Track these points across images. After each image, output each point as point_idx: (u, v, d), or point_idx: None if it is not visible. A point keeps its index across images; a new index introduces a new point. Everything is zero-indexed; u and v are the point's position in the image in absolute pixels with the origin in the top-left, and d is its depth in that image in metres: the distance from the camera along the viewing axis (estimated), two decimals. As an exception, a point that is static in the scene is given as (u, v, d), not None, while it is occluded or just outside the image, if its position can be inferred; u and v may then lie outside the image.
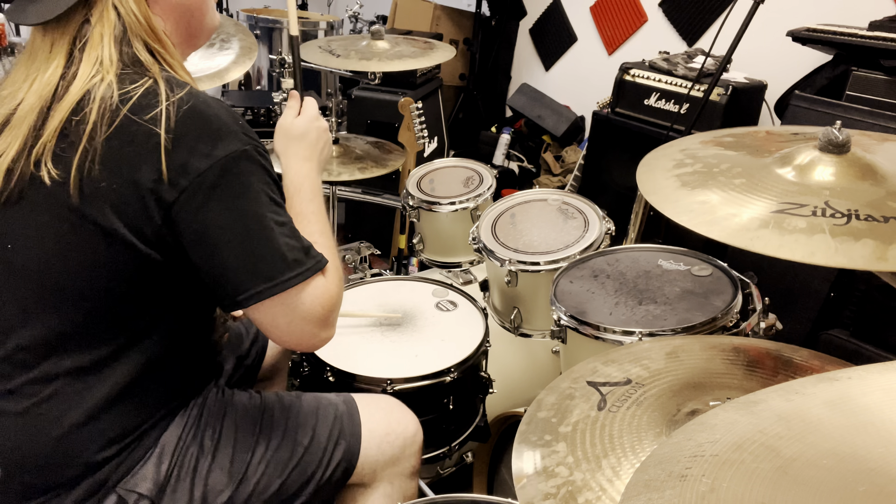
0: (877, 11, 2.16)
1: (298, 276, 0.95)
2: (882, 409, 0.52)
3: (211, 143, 0.91)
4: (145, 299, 0.98)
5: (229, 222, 0.92)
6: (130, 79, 0.94)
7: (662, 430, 0.87)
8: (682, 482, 0.50)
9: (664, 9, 3.14)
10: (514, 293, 1.56)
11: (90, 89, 0.92)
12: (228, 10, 4.06)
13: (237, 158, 0.92)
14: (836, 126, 0.91)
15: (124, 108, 0.91)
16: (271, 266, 0.94)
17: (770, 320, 1.22)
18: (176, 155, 0.90)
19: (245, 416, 1.14)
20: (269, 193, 0.96)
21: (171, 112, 0.90)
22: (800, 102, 2.07)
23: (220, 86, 3.14)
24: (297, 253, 0.96)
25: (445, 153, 3.61)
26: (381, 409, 1.24)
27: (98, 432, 0.99)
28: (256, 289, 0.93)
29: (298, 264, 0.95)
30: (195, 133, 0.91)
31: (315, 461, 1.14)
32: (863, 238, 0.76)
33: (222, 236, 0.92)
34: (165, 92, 0.92)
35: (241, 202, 0.93)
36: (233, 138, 0.93)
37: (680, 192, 0.93)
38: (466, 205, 1.88)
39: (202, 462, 1.07)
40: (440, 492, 1.23)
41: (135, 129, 0.90)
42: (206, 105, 0.94)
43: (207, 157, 0.91)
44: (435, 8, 3.91)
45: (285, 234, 0.96)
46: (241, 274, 0.93)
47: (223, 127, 0.93)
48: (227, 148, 0.92)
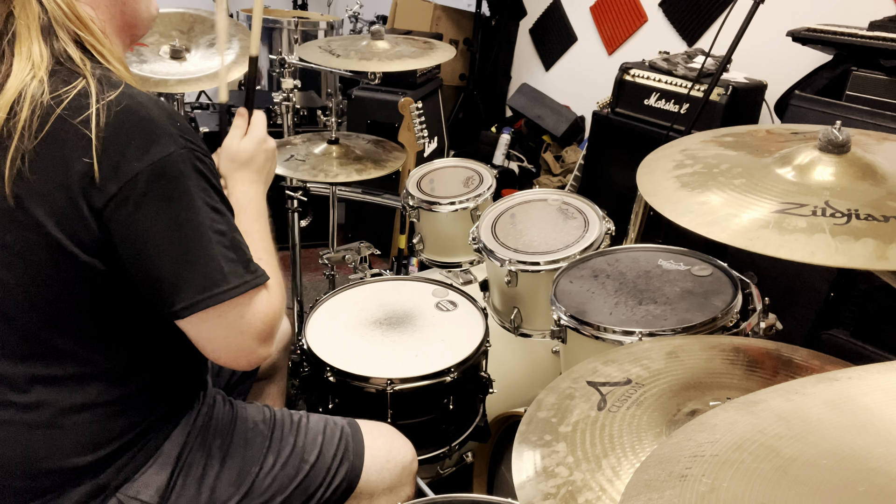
0: (877, 11, 2.16)
1: (236, 289, 0.91)
2: (882, 409, 0.52)
3: (143, 147, 0.87)
4: (107, 307, 0.95)
5: (162, 229, 0.88)
6: (62, 78, 0.90)
7: (662, 430, 0.87)
8: (682, 482, 0.50)
9: (664, 9, 3.14)
10: (514, 293, 1.56)
11: (22, 88, 0.88)
12: (228, 10, 4.05)
13: (171, 162, 0.88)
14: (836, 126, 0.91)
15: (57, 109, 0.87)
16: (206, 276, 0.90)
17: (770, 320, 1.22)
18: (106, 158, 0.86)
19: (256, 430, 1.15)
20: (207, 200, 0.91)
21: (102, 113, 0.87)
22: (800, 102, 2.07)
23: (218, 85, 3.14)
24: (235, 265, 0.92)
25: (445, 153, 3.61)
26: (383, 435, 1.26)
27: (79, 438, 0.98)
28: (191, 299, 0.89)
29: (236, 276, 0.92)
30: (126, 135, 0.87)
31: (319, 479, 1.15)
32: (863, 237, 0.76)
33: (155, 244, 0.88)
34: (97, 93, 0.88)
35: (176, 209, 0.89)
36: (167, 141, 0.88)
37: (680, 193, 0.93)
38: (466, 205, 1.88)
39: (209, 471, 1.07)
40: (440, 492, 1.23)
41: (66, 132, 0.87)
42: (140, 106, 0.89)
43: (139, 161, 0.86)
44: (435, 8, 3.91)
45: (224, 245, 0.92)
46: (176, 284, 0.89)
47: (157, 129, 0.88)
48: (161, 151, 0.87)
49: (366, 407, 1.41)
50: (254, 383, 1.51)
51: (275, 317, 0.98)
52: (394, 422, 1.40)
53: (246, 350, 0.96)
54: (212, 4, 4.19)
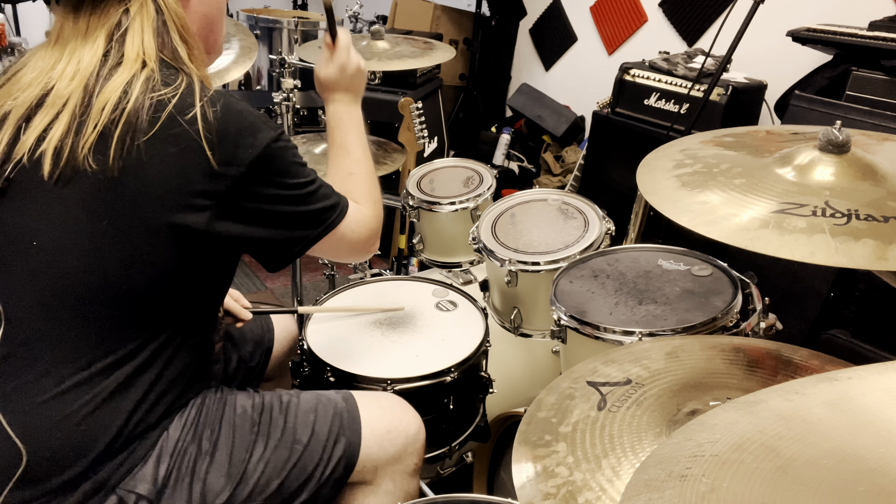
0: (877, 11, 2.16)
1: (338, 217, 1.14)
2: (882, 409, 0.52)
3: (251, 135, 1.01)
4: (168, 299, 1.02)
5: (281, 196, 1.05)
6: (169, 76, 0.99)
7: (662, 430, 0.87)
8: (682, 482, 0.50)
9: (664, 9, 3.14)
10: (514, 293, 1.56)
11: (130, 82, 0.96)
12: (229, 10, 4.06)
13: (273, 143, 1.03)
14: (836, 126, 0.91)
15: (168, 106, 0.96)
16: (316, 218, 1.11)
17: (770, 320, 1.22)
18: (223, 150, 0.98)
19: (243, 416, 1.14)
20: (299, 163, 1.09)
21: (208, 112, 0.98)
22: (800, 102, 2.07)
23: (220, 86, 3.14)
24: (330, 199, 1.13)
25: (445, 153, 3.61)
26: (381, 406, 1.24)
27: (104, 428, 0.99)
28: (312, 234, 1.11)
29: (334, 209, 1.14)
30: (235, 128, 1.00)
31: (315, 459, 1.14)
32: (863, 238, 0.76)
33: (277, 208, 1.05)
34: (200, 93, 0.99)
35: (286, 177, 1.06)
36: (264, 127, 1.03)
37: (680, 193, 0.93)
38: (466, 205, 1.88)
39: (200, 463, 1.07)
40: (440, 492, 1.22)
41: (178, 131, 0.96)
42: (236, 101, 1.03)
43: (252, 148, 1.01)
44: (435, 8, 3.91)
45: (320, 189, 1.12)
46: (298, 229, 1.10)
47: (256, 119, 1.03)
48: (265, 136, 1.02)
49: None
50: (261, 384, 1.51)
51: (371, 221, 1.21)
52: (394, 422, 1.40)
53: (361, 251, 1.22)
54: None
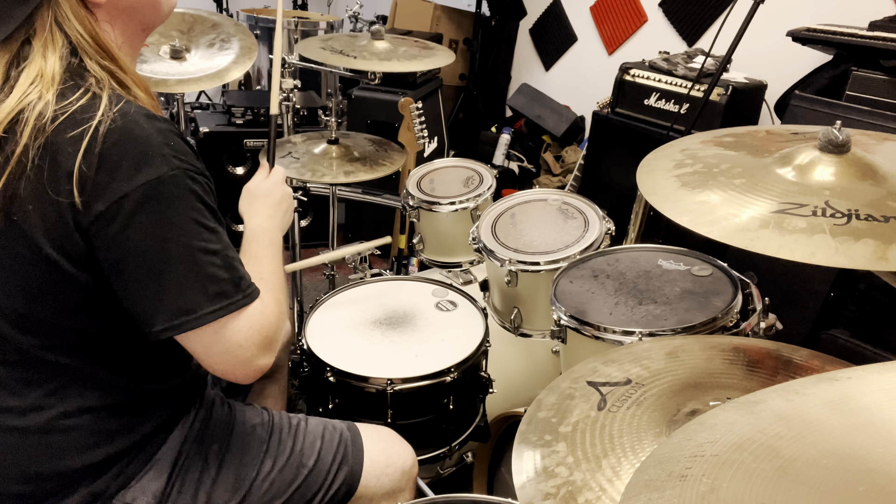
0: (877, 11, 2.16)
1: (222, 309, 0.92)
2: (882, 409, 0.52)
3: (134, 167, 0.87)
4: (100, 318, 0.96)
5: (147, 251, 0.88)
6: (70, 91, 0.90)
7: (662, 430, 0.87)
8: (682, 482, 0.50)
9: (664, 9, 3.14)
10: (514, 293, 1.56)
11: (24, 108, 0.88)
12: (228, 10, 4.06)
13: (162, 183, 0.88)
14: (836, 126, 0.91)
15: (53, 125, 0.87)
16: (191, 299, 0.90)
17: (770, 320, 1.22)
18: (97, 177, 0.86)
19: (253, 434, 1.14)
20: (197, 219, 0.91)
21: (100, 131, 0.86)
22: (800, 102, 2.07)
23: (220, 86, 3.14)
24: (224, 285, 0.92)
25: (445, 153, 3.61)
26: (382, 439, 1.26)
27: (75, 442, 0.98)
28: (175, 321, 0.90)
29: (223, 297, 0.92)
30: (119, 155, 0.87)
31: (318, 484, 1.15)
32: (863, 238, 0.76)
33: (141, 265, 0.88)
34: (104, 108, 0.88)
35: (164, 230, 0.89)
36: (159, 162, 0.88)
37: (680, 193, 0.93)
38: (466, 205, 1.88)
39: (206, 476, 1.07)
40: (440, 492, 1.22)
41: (58, 146, 0.87)
42: (136, 125, 0.89)
43: (129, 182, 0.86)
44: (435, 8, 3.91)
45: (214, 265, 0.92)
46: (161, 305, 0.90)
47: (151, 149, 0.88)
48: (152, 172, 0.87)
49: (366, 407, 1.41)
50: (255, 382, 1.50)
51: (270, 330, 0.98)
52: (394, 422, 1.40)
53: (244, 362, 0.96)
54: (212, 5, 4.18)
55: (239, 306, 0.94)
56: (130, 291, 0.91)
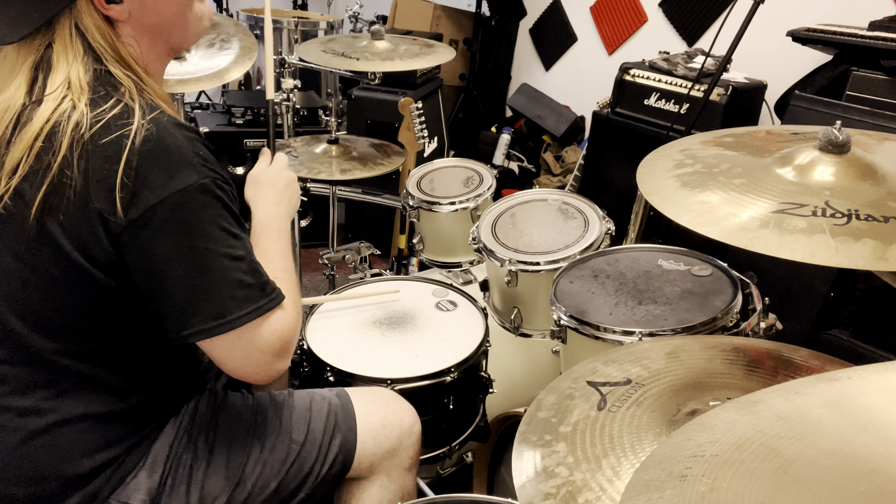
0: (877, 11, 2.16)
1: (250, 314, 0.94)
2: (882, 409, 0.52)
3: (166, 176, 0.89)
4: (115, 325, 0.98)
5: (178, 257, 0.90)
6: (103, 100, 0.91)
7: (662, 430, 0.87)
8: (682, 482, 0.50)
9: (664, 9, 3.14)
10: (514, 293, 1.56)
11: (60, 117, 0.90)
12: (228, 10, 4.06)
13: (191, 192, 0.90)
14: (836, 126, 0.91)
15: (90, 130, 0.89)
16: (220, 304, 0.92)
17: (770, 320, 1.22)
18: (127, 185, 0.88)
19: (238, 419, 1.14)
20: (224, 227, 0.93)
21: (138, 139, 0.88)
22: (800, 102, 2.07)
23: (220, 86, 3.14)
24: (250, 290, 0.95)
25: (445, 153, 3.61)
26: (376, 401, 1.24)
27: (76, 446, 0.98)
28: (204, 325, 0.92)
29: (250, 301, 0.94)
30: (150, 164, 0.89)
31: (312, 457, 1.14)
32: (863, 238, 0.76)
33: (170, 271, 0.91)
34: (139, 117, 0.90)
35: (193, 238, 0.91)
36: (189, 171, 0.90)
37: (680, 193, 0.93)
38: (466, 205, 1.88)
39: (197, 468, 1.07)
40: (440, 492, 1.22)
41: (95, 155, 0.89)
42: (168, 134, 0.91)
43: (161, 190, 0.89)
44: (435, 8, 3.91)
45: (241, 270, 0.94)
46: (189, 310, 0.92)
47: (181, 159, 0.90)
48: (182, 181, 0.89)
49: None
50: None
51: (290, 334, 1.00)
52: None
53: (263, 366, 0.99)
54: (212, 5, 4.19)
55: (265, 310, 0.96)
56: (160, 297, 0.93)
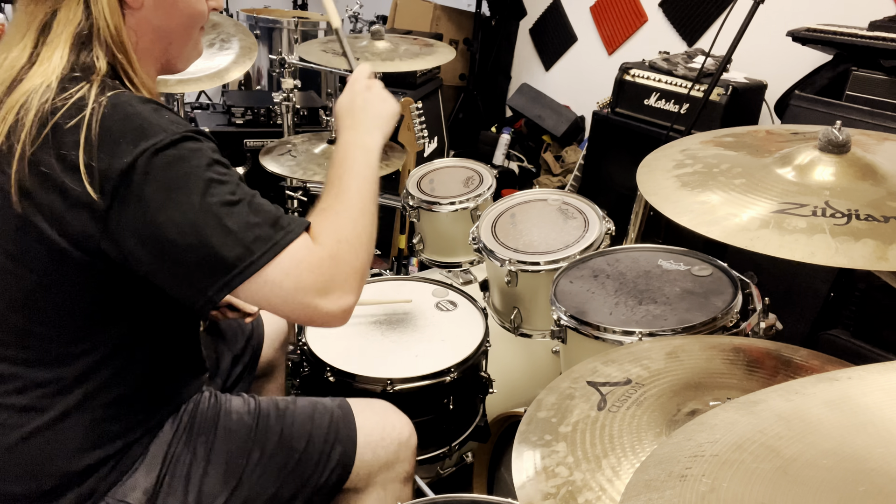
0: (877, 11, 2.16)
1: (266, 254, 0.87)
2: (882, 409, 0.52)
3: (132, 143, 0.85)
4: (105, 311, 0.95)
5: (168, 219, 0.85)
6: (70, 85, 0.90)
7: (662, 430, 0.87)
8: (682, 482, 0.50)
9: (664, 9, 3.14)
10: (514, 293, 1.56)
11: (31, 93, 0.89)
12: (228, 10, 4.06)
13: (162, 149, 0.85)
14: (836, 126, 0.91)
15: (54, 117, 0.87)
16: (231, 251, 0.86)
17: (770, 320, 1.22)
18: (99, 161, 0.85)
19: (240, 423, 1.13)
20: (208, 176, 0.87)
21: (95, 117, 0.86)
22: (800, 102, 2.07)
23: (220, 86, 3.14)
24: (260, 229, 0.88)
25: (445, 153, 3.61)
26: (375, 412, 1.24)
27: (68, 442, 0.98)
28: (224, 278, 0.86)
29: (262, 241, 0.87)
30: (115, 135, 0.86)
31: (310, 467, 1.14)
32: (863, 238, 0.76)
33: (166, 236, 0.85)
34: (94, 96, 0.88)
35: (179, 193, 0.85)
36: (156, 131, 0.86)
37: (680, 193, 0.93)
38: (466, 205, 1.88)
39: (195, 469, 1.07)
40: (440, 492, 1.22)
41: (62, 139, 0.87)
42: (129, 105, 0.88)
43: (129, 155, 0.84)
44: (435, 8, 3.91)
45: (242, 213, 0.87)
46: (202, 269, 0.86)
47: (145, 123, 0.87)
48: (150, 141, 0.85)
49: (366, 407, 1.41)
50: (253, 381, 1.51)
51: (323, 265, 0.91)
52: (394, 422, 1.40)
53: (309, 307, 0.90)
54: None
55: (283, 244, 0.88)
56: (165, 268, 0.88)
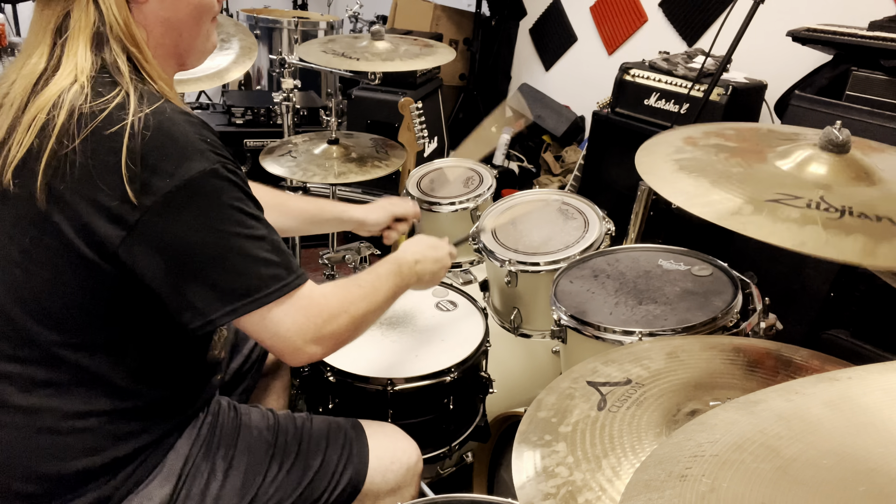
0: (877, 11, 2.16)
1: (276, 292, 0.94)
2: (882, 409, 0.52)
3: (176, 163, 0.88)
4: (117, 317, 0.96)
5: (199, 241, 0.90)
6: (105, 89, 0.91)
7: (662, 430, 0.87)
8: (682, 482, 0.50)
9: (664, 9, 3.14)
10: (514, 293, 1.56)
11: (62, 92, 0.90)
12: (228, 10, 4.06)
13: (203, 177, 0.89)
14: (836, 126, 0.91)
15: (93, 121, 0.88)
16: (246, 282, 0.92)
17: (770, 320, 1.22)
18: (139, 174, 0.87)
19: (259, 438, 1.14)
20: (240, 208, 0.93)
21: (137, 129, 0.88)
22: (800, 102, 2.07)
23: (220, 86, 3.14)
24: (276, 268, 0.95)
25: (445, 153, 3.61)
26: (387, 436, 1.25)
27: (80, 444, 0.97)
28: (232, 305, 0.92)
29: (276, 279, 0.94)
30: (159, 152, 0.88)
31: (323, 485, 1.15)
32: (854, 233, 0.77)
33: (192, 256, 0.90)
34: (135, 107, 0.89)
35: (210, 220, 0.90)
36: (199, 157, 0.90)
37: (677, 175, 0.93)
38: (466, 205, 1.88)
39: (213, 483, 1.07)
40: (440, 492, 1.22)
41: (99, 144, 0.88)
42: (173, 122, 0.91)
43: (172, 177, 0.88)
44: (435, 8, 3.91)
45: (263, 249, 0.94)
46: (215, 293, 0.91)
47: (189, 146, 0.90)
48: (193, 168, 0.89)
49: (366, 407, 1.41)
50: (259, 380, 1.51)
51: (322, 314, 1.00)
52: (394, 422, 1.40)
53: (294, 348, 0.98)
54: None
55: (293, 286, 0.96)
56: (180, 285, 0.91)
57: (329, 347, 1.02)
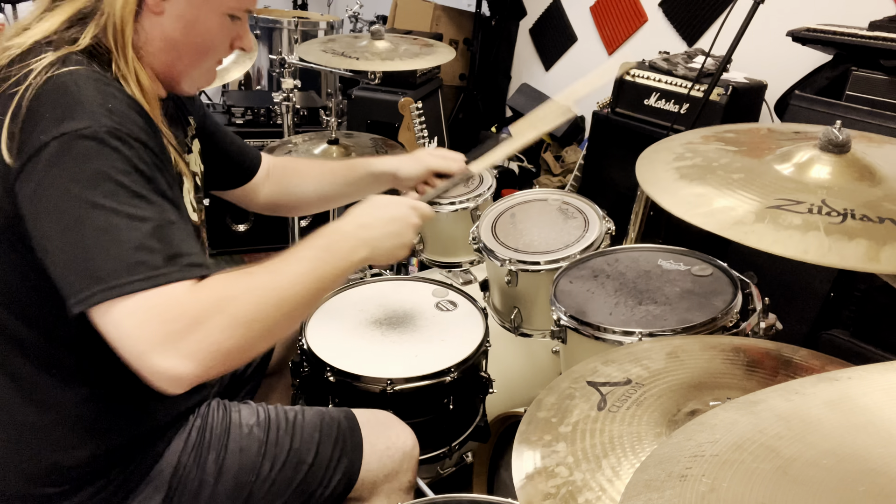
0: (877, 11, 2.16)
1: (143, 281, 0.77)
2: (882, 409, 0.52)
3: (57, 119, 0.79)
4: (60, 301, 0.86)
5: (58, 208, 0.78)
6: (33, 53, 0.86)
7: (662, 430, 0.87)
8: (682, 482, 0.50)
9: (664, 9, 3.14)
10: (514, 293, 1.56)
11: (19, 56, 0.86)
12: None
13: (77, 137, 0.78)
14: (836, 126, 0.91)
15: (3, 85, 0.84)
16: (104, 266, 0.77)
17: (770, 320, 1.22)
18: (22, 132, 0.80)
19: (250, 437, 1.12)
20: (120, 181, 0.79)
21: (37, 84, 0.81)
22: (800, 102, 2.07)
23: (220, 86, 3.14)
24: (151, 255, 0.78)
25: (445, 153, 3.60)
26: (381, 423, 1.24)
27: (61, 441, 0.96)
28: (85, 291, 0.77)
29: (145, 267, 0.77)
30: (46, 107, 0.80)
31: (317, 479, 1.14)
32: (857, 237, 0.77)
33: (51, 225, 0.78)
34: (45, 67, 0.82)
35: (78, 187, 0.78)
36: (83, 117, 0.79)
37: (678, 184, 0.93)
38: (466, 205, 1.88)
39: (204, 488, 1.06)
40: (440, 492, 1.22)
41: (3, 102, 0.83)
42: (74, 83, 0.82)
43: (47, 133, 0.78)
44: (435, 8, 3.91)
45: (140, 233, 0.79)
46: (72, 274, 0.78)
47: (79, 105, 0.80)
48: (70, 126, 0.78)
49: (365, 407, 1.41)
50: (263, 379, 1.50)
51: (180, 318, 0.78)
52: (394, 422, 1.40)
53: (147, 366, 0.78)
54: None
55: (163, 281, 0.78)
56: (49, 260, 0.80)
57: (204, 362, 0.79)
